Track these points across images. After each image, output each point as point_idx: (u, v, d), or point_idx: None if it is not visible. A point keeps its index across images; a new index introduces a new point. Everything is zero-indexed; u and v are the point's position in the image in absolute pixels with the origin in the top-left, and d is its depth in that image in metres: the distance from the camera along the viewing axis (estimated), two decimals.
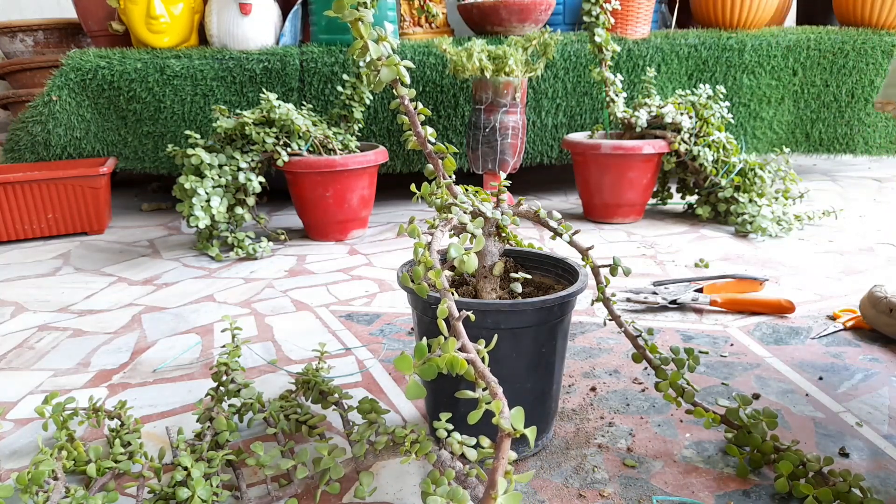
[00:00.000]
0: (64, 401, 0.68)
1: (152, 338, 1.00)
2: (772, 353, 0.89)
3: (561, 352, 0.66)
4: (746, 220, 1.50)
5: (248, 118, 1.44)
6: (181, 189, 1.38)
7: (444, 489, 0.51)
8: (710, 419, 0.61)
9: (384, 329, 1.00)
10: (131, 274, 1.34)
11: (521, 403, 0.64)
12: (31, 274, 1.36)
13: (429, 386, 0.69)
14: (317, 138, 1.51)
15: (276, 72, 1.73)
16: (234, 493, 0.60)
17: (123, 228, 1.75)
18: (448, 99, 1.81)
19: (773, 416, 0.62)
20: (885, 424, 0.71)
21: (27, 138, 1.74)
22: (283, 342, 0.97)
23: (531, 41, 1.60)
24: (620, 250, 1.41)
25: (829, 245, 1.40)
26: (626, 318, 1.02)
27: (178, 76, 1.72)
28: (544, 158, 1.92)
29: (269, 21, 1.78)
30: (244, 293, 1.19)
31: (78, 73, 1.70)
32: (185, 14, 1.76)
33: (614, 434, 0.70)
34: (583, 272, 0.66)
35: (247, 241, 1.42)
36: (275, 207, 1.92)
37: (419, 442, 0.57)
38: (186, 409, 0.78)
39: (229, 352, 0.75)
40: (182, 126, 1.76)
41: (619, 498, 0.59)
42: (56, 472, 0.58)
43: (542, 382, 0.64)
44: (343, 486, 0.61)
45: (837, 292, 1.10)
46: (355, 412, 0.65)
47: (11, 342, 1.00)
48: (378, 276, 1.27)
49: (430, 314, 0.63)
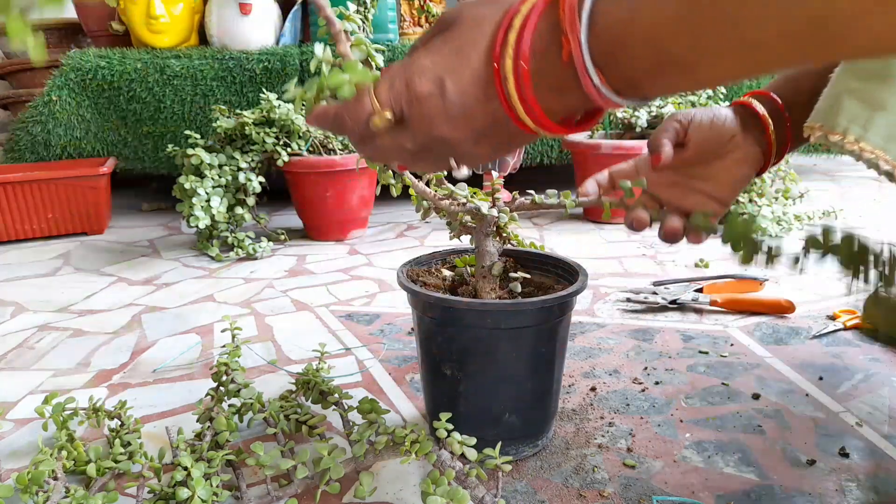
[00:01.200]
0: (64, 401, 0.68)
1: (152, 338, 1.00)
2: (772, 353, 0.89)
3: (561, 352, 0.66)
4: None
5: (248, 118, 1.44)
6: (181, 189, 1.38)
7: (444, 489, 0.51)
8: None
9: (384, 329, 1.00)
10: (131, 274, 1.34)
11: (521, 403, 0.64)
12: (31, 274, 1.36)
13: (428, 386, 0.69)
14: (317, 138, 1.51)
15: (276, 72, 1.73)
16: (234, 493, 0.60)
17: (123, 228, 1.75)
18: None
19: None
20: (885, 424, 0.71)
21: (27, 138, 1.74)
22: (283, 342, 0.97)
23: None
24: (620, 250, 1.41)
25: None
26: (626, 319, 1.02)
27: (178, 76, 1.72)
28: (544, 158, 1.92)
29: (269, 21, 1.78)
30: (244, 293, 1.19)
31: (78, 73, 1.70)
32: (185, 14, 1.76)
33: (614, 434, 0.70)
34: (583, 272, 0.66)
35: (247, 241, 1.42)
36: (275, 207, 1.92)
37: (419, 442, 0.57)
38: (186, 409, 0.78)
39: (229, 352, 0.75)
40: (182, 126, 1.76)
41: (619, 498, 0.59)
42: (56, 472, 0.58)
43: (542, 382, 0.64)
44: (343, 486, 0.61)
45: (837, 292, 1.11)
46: (355, 412, 0.65)
47: (11, 342, 1.00)
48: (378, 276, 1.27)
49: (430, 314, 0.63)
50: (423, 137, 0.39)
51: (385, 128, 0.39)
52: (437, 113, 0.37)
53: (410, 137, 0.39)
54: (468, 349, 0.62)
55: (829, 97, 0.41)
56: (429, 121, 0.38)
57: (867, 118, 0.39)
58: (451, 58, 0.37)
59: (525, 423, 0.65)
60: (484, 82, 0.36)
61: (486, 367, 0.62)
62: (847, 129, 0.39)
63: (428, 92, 0.37)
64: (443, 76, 0.37)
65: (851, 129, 0.39)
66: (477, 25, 0.37)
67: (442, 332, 0.63)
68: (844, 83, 0.40)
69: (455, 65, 0.37)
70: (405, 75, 0.38)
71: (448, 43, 0.38)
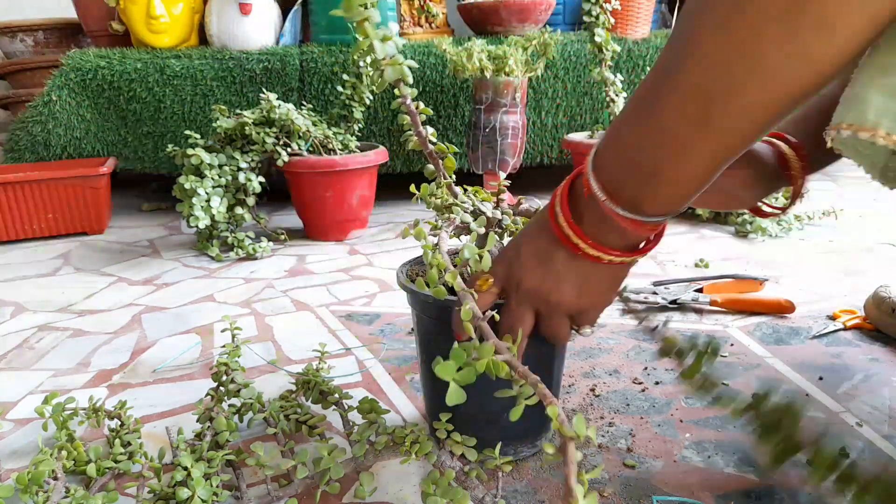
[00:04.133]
0: (64, 401, 0.68)
1: (152, 338, 1.00)
2: (772, 353, 0.89)
3: (560, 351, 0.66)
4: (746, 220, 1.50)
5: (248, 118, 1.44)
6: (181, 189, 1.38)
7: (444, 489, 0.51)
8: (738, 409, 0.58)
9: (384, 329, 1.00)
10: (131, 274, 1.34)
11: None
12: (31, 274, 1.36)
13: (427, 386, 0.69)
14: (317, 138, 1.51)
15: (276, 72, 1.73)
16: (234, 493, 0.60)
17: (123, 228, 1.75)
18: (448, 99, 1.81)
19: (798, 407, 0.58)
20: (885, 424, 0.71)
21: (27, 138, 1.74)
22: (283, 342, 0.97)
23: (531, 41, 1.60)
24: None
25: (829, 245, 1.40)
26: (626, 319, 1.02)
27: (178, 76, 1.72)
28: (544, 158, 1.92)
29: (269, 21, 1.78)
30: (244, 293, 1.19)
31: (78, 73, 1.70)
32: (185, 14, 1.76)
33: (614, 434, 0.70)
34: None
35: (247, 241, 1.42)
36: (275, 207, 1.92)
37: (419, 442, 0.57)
38: (186, 409, 0.78)
39: (229, 352, 0.75)
40: (182, 126, 1.76)
41: (619, 498, 0.59)
42: (56, 472, 0.58)
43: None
44: (343, 486, 0.61)
45: (837, 292, 1.10)
46: (355, 412, 0.65)
47: (11, 342, 1.00)
48: (378, 276, 1.27)
49: (429, 314, 0.63)
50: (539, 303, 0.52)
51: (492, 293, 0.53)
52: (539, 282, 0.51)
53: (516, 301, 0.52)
54: None
55: (853, 96, 0.40)
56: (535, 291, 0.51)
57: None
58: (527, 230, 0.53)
59: (524, 423, 0.65)
60: (549, 234, 0.50)
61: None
62: (878, 122, 0.39)
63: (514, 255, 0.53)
64: (520, 243, 0.52)
65: (882, 122, 0.38)
66: (538, 212, 0.54)
67: (440, 332, 0.63)
68: (867, 80, 0.39)
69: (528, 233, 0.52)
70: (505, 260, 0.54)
71: (521, 231, 0.54)
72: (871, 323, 0.94)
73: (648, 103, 0.42)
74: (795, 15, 0.35)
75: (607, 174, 0.45)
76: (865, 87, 0.39)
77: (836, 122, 0.41)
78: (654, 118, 0.41)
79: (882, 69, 0.39)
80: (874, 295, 0.94)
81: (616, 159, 0.44)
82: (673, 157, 0.41)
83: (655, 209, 0.44)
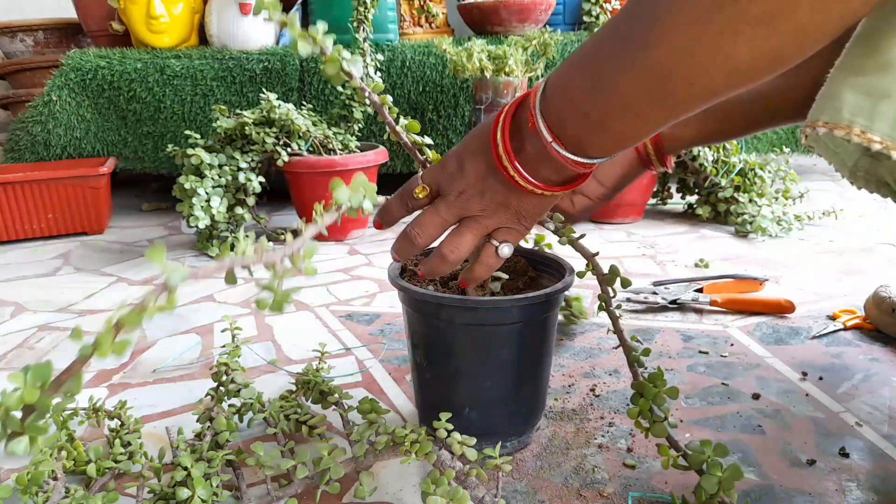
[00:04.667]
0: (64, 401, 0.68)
1: (152, 338, 1.00)
2: (772, 353, 0.89)
3: (549, 348, 0.66)
4: (746, 220, 1.50)
5: (248, 118, 1.44)
6: (181, 189, 1.38)
7: (444, 489, 0.51)
8: (673, 460, 0.57)
9: (384, 329, 1.00)
10: (131, 274, 1.34)
11: (505, 399, 0.64)
12: (31, 274, 1.36)
13: (415, 381, 0.69)
14: (317, 138, 1.51)
15: (276, 72, 1.73)
16: (234, 493, 0.60)
17: (123, 228, 1.75)
18: (448, 99, 1.81)
19: (737, 470, 0.53)
20: (885, 424, 0.71)
21: (27, 138, 1.74)
22: (283, 342, 0.97)
23: (531, 41, 1.60)
24: (620, 250, 1.41)
25: (829, 245, 1.40)
26: (626, 319, 1.02)
27: (178, 76, 1.72)
28: None
29: (270, 21, 1.78)
30: (244, 293, 1.19)
31: (78, 73, 1.70)
32: (185, 14, 1.76)
33: (614, 434, 0.70)
34: (569, 269, 0.66)
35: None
36: (275, 207, 1.92)
37: (419, 442, 0.57)
38: (186, 409, 0.78)
39: (229, 352, 0.75)
40: (182, 126, 1.76)
41: (619, 498, 0.59)
42: (56, 472, 0.58)
43: (529, 377, 0.65)
44: (343, 486, 0.61)
45: (837, 292, 1.10)
46: (355, 412, 0.65)
47: (11, 342, 1.00)
48: (378, 276, 1.27)
49: (417, 309, 0.63)
50: (458, 209, 0.53)
51: (425, 200, 0.55)
52: (463, 187, 0.52)
53: (445, 207, 0.53)
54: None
55: (828, 95, 0.41)
56: (458, 193, 0.52)
57: (871, 108, 0.39)
58: (469, 145, 0.53)
59: (509, 418, 0.65)
60: (488, 158, 0.51)
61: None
62: (852, 121, 0.39)
63: (455, 169, 0.53)
64: (463, 159, 0.52)
65: (857, 120, 0.39)
66: (482, 126, 0.52)
67: (422, 326, 0.64)
68: (842, 79, 0.40)
69: (471, 151, 0.52)
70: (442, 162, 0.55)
71: (464, 142, 0.53)
72: (871, 323, 0.94)
73: (607, 68, 0.42)
74: (777, 20, 0.35)
75: (555, 116, 0.46)
76: (840, 86, 0.40)
77: (811, 120, 0.42)
78: (612, 84, 0.42)
79: (856, 69, 0.39)
80: (874, 295, 0.94)
81: (566, 106, 0.46)
82: (623, 117, 0.43)
83: (598, 153, 0.47)
